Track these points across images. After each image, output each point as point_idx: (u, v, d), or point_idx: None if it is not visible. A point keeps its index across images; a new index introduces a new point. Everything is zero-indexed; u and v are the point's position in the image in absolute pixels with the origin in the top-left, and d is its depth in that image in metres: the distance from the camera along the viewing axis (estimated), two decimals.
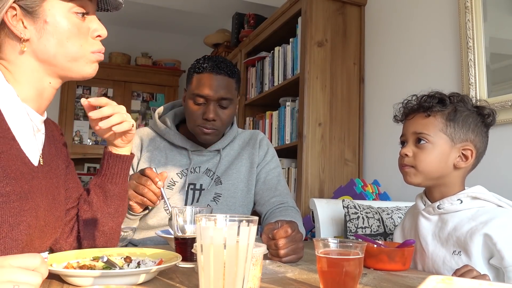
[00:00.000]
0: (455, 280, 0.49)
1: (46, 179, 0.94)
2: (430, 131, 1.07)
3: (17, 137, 0.87)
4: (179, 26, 4.46)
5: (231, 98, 1.40)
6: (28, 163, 0.88)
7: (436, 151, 1.06)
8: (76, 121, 4.34)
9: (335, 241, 0.78)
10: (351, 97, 2.43)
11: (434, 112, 1.07)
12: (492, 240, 0.97)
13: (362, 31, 2.50)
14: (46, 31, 0.87)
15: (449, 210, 1.06)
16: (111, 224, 1.04)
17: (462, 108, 1.07)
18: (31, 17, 0.86)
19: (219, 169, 1.46)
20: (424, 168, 1.07)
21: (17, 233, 0.83)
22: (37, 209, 0.88)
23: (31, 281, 0.59)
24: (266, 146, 1.56)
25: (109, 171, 1.03)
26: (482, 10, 1.76)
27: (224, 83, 1.38)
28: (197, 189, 1.43)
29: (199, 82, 1.38)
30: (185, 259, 0.93)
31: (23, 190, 0.84)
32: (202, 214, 0.67)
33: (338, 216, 1.73)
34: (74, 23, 0.89)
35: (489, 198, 1.05)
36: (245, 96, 3.28)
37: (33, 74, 0.89)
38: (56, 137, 1.05)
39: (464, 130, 1.07)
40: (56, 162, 1.00)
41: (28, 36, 0.86)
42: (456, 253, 1.03)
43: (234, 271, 0.60)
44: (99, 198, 1.03)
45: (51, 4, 0.87)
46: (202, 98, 1.37)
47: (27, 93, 0.89)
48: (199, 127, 1.39)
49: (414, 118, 1.11)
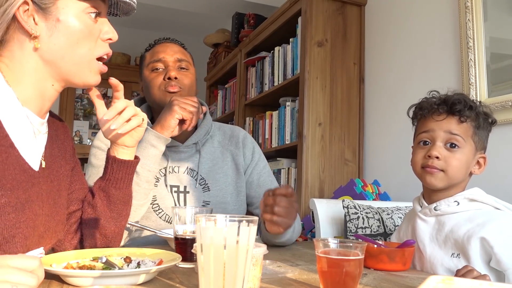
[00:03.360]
0: (455, 280, 0.49)
1: (48, 183, 0.92)
2: (464, 136, 1.05)
3: (16, 143, 0.84)
4: (179, 26, 4.45)
5: (189, 61, 1.38)
6: (28, 169, 0.86)
7: (465, 157, 1.05)
8: (76, 121, 4.34)
9: (335, 241, 0.78)
10: (351, 97, 2.43)
11: (466, 118, 1.05)
12: (489, 244, 0.96)
13: (362, 31, 2.50)
14: (57, 30, 0.85)
15: (446, 212, 1.06)
16: (113, 228, 1.04)
17: (483, 116, 1.08)
18: (44, 14, 0.84)
19: (202, 168, 1.39)
20: (454, 174, 1.04)
21: (12, 245, 0.81)
22: (35, 219, 0.86)
23: (29, 282, 0.58)
24: (251, 144, 1.49)
25: (113, 176, 1.02)
26: (482, 10, 1.76)
27: (178, 49, 1.39)
28: (181, 191, 1.36)
29: (152, 52, 1.38)
30: (185, 259, 0.93)
31: (20, 201, 0.82)
32: (202, 214, 0.67)
33: (338, 216, 1.72)
34: (87, 24, 0.88)
35: (487, 200, 1.04)
36: (245, 96, 3.28)
37: (36, 75, 0.87)
38: (60, 136, 1.02)
39: (483, 139, 1.08)
40: (59, 163, 0.98)
41: (38, 33, 0.84)
42: (454, 255, 1.02)
43: (234, 271, 0.60)
44: (102, 202, 1.02)
45: (65, 2, 0.86)
46: (159, 63, 1.35)
47: (28, 95, 0.87)
48: (163, 91, 1.33)
49: (447, 119, 1.06)
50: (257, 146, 1.51)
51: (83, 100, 4.48)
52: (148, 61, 1.38)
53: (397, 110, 2.22)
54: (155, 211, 1.32)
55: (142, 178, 1.20)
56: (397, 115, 2.21)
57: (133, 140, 1.02)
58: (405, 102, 2.24)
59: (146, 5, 3.74)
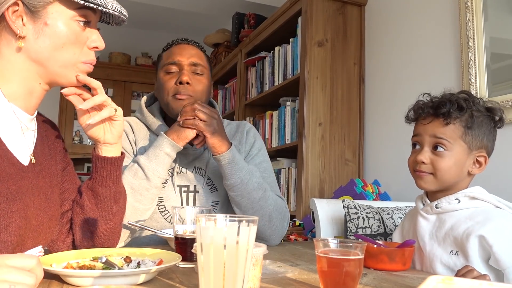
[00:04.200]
0: (455, 280, 0.49)
1: (38, 178, 0.93)
2: (450, 138, 1.04)
3: (3, 138, 0.86)
4: (179, 26, 4.45)
5: (204, 66, 1.35)
6: (17, 163, 0.88)
7: (454, 158, 1.04)
8: (76, 121, 4.34)
9: (335, 241, 0.78)
10: (351, 97, 2.43)
11: (453, 119, 1.04)
12: (488, 242, 0.96)
13: (362, 31, 2.50)
14: (44, 33, 0.87)
15: (447, 209, 1.06)
16: (104, 226, 1.03)
17: (477, 113, 1.05)
18: (32, 16, 0.86)
19: (210, 168, 1.37)
20: (443, 176, 1.05)
21: (6, 235, 0.82)
22: (26, 210, 0.87)
23: (27, 281, 0.59)
24: (252, 138, 1.44)
25: (98, 174, 1.02)
26: (482, 10, 1.76)
27: (195, 52, 1.35)
28: (191, 191, 1.35)
29: (169, 53, 1.35)
30: (185, 259, 0.93)
31: (10, 191, 0.84)
32: (202, 214, 0.67)
33: (338, 216, 1.72)
34: (74, 30, 0.90)
35: (488, 199, 1.04)
36: (245, 96, 3.28)
37: (24, 73, 0.89)
38: (50, 137, 1.03)
39: (480, 137, 1.06)
40: (49, 162, 0.99)
41: (25, 34, 0.86)
42: (453, 253, 1.02)
43: (234, 271, 0.60)
44: (90, 201, 1.03)
45: (55, 8, 0.87)
46: (174, 65, 1.32)
47: (16, 91, 0.89)
48: (172, 97, 1.31)
49: (432, 123, 1.06)
50: (259, 141, 1.46)
51: None
52: (163, 62, 1.35)
53: (397, 110, 2.22)
54: (160, 212, 1.31)
55: (152, 184, 1.20)
56: (397, 115, 2.21)
57: (114, 136, 1.02)
58: (405, 102, 2.24)
59: (146, 5, 3.74)
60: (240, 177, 1.23)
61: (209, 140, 1.20)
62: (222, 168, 1.24)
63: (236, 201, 1.26)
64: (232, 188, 1.24)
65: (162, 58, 1.38)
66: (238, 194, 1.24)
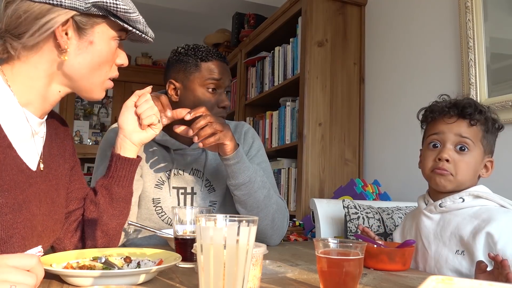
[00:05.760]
0: (455, 280, 0.49)
1: (46, 183, 0.93)
2: (473, 139, 1.06)
3: (14, 144, 0.85)
4: (179, 26, 4.45)
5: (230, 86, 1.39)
6: (26, 169, 0.87)
7: (474, 160, 1.07)
8: (76, 121, 4.35)
9: (335, 241, 0.78)
10: (351, 97, 2.43)
11: (475, 121, 1.07)
12: (494, 240, 0.97)
13: (362, 31, 2.50)
14: (87, 51, 0.88)
15: (451, 208, 1.06)
16: (114, 225, 1.05)
17: (491, 121, 1.10)
18: (79, 33, 0.87)
19: (207, 169, 1.37)
20: (462, 177, 1.06)
21: (9, 246, 0.82)
22: (32, 219, 0.87)
23: (27, 281, 0.59)
24: (250, 139, 1.45)
25: (116, 174, 1.04)
26: (482, 10, 1.76)
27: (229, 71, 1.37)
28: (188, 193, 1.35)
29: (210, 69, 1.31)
30: (185, 259, 0.93)
31: (17, 201, 0.83)
32: (202, 214, 0.67)
33: (338, 216, 1.72)
34: (112, 49, 0.92)
35: (492, 198, 1.05)
36: (245, 96, 3.28)
37: (46, 80, 0.88)
38: (60, 135, 1.03)
39: (492, 143, 1.10)
40: (57, 163, 0.99)
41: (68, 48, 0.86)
42: (459, 252, 1.03)
43: (234, 271, 0.60)
44: (105, 200, 1.04)
45: (101, 28, 0.89)
46: (215, 85, 1.30)
47: (31, 97, 0.87)
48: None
49: (457, 122, 1.08)
50: (257, 141, 1.46)
51: (83, 100, 4.48)
52: (205, 76, 1.30)
53: (397, 110, 2.22)
54: (158, 213, 1.32)
55: None
56: (397, 115, 2.21)
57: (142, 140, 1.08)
58: (405, 102, 2.26)
59: (146, 5, 3.73)
60: (248, 175, 1.22)
61: (228, 147, 1.18)
62: (230, 168, 1.21)
63: (242, 200, 1.24)
64: (240, 187, 1.22)
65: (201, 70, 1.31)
66: (245, 193, 1.23)
